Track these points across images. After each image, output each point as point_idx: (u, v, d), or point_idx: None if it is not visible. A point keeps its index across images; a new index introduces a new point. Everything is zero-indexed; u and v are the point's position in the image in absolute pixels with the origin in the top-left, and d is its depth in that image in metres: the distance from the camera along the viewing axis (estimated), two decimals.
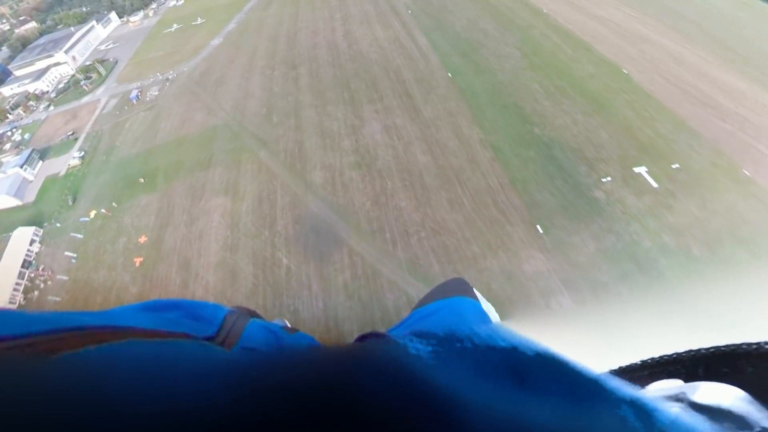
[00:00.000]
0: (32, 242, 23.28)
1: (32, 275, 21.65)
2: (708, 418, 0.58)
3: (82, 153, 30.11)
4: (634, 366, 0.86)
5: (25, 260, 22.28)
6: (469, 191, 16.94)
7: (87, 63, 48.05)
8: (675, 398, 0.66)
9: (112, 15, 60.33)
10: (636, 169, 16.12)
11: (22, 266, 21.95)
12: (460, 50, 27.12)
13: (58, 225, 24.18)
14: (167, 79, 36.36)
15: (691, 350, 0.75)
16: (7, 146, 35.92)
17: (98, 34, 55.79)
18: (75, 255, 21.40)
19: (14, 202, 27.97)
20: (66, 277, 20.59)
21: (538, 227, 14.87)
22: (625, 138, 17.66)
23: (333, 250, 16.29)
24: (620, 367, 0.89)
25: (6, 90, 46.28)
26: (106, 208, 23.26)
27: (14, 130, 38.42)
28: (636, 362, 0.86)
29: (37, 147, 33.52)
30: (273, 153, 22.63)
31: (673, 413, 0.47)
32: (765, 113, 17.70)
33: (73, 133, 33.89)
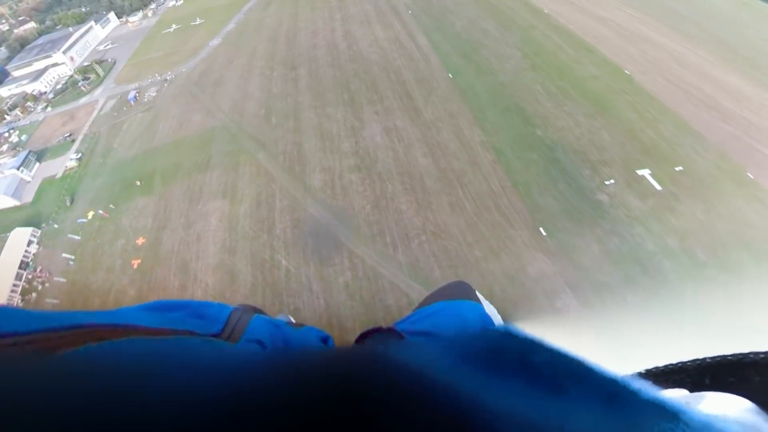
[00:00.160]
0: (30, 243, 23.12)
1: (30, 276, 21.48)
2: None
3: (79, 155, 29.96)
4: (639, 375, 0.85)
5: (23, 261, 22.13)
6: (471, 194, 16.78)
7: (85, 64, 47.90)
8: None
9: (111, 15, 60.22)
10: (639, 172, 16.00)
11: (20, 267, 21.80)
12: (461, 51, 26.95)
13: (56, 226, 24.04)
14: (165, 80, 36.20)
15: (697, 359, 0.74)
16: (5, 148, 35.75)
17: (97, 35, 55.66)
18: (72, 257, 21.23)
19: (12, 202, 27.84)
20: (64, 279, 20.41)
21: (542, 230, 14.76)
22: (628, 140, 17.52)
23: (333, 253, 16.19)
24: None
25: (4, 91, 46.12)
26: (104, 210, 23.10)
27: (11, 132, 38.28)
28: (641, 371, 0.85)
29: (35, 148, 33.40)
30: (271, 155, 22.44)
31: (704, 416, 0.42)
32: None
33: (71, 135, 33.75)
